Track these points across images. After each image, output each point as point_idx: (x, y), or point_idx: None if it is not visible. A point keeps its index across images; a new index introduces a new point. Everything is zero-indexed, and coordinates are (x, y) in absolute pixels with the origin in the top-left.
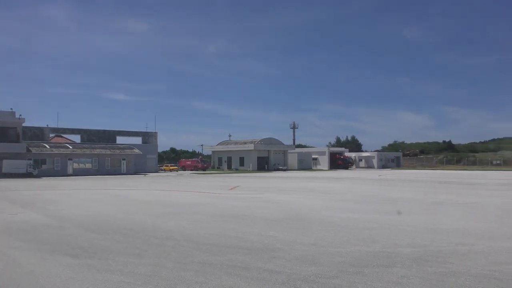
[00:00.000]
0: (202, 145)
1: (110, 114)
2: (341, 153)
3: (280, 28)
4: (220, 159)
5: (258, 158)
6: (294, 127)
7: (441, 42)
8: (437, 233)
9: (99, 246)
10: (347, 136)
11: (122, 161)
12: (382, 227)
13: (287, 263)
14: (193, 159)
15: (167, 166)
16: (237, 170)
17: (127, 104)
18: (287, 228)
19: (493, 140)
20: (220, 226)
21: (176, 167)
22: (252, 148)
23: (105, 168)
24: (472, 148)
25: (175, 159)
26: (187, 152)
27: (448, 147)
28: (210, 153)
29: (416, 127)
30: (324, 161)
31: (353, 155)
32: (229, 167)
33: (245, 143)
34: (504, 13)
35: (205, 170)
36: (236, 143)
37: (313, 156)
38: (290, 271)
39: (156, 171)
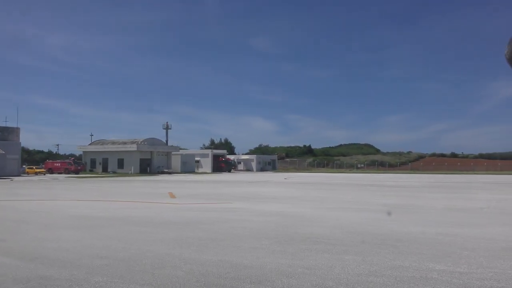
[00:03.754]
0: (58, 145)
1: None
2: (223, 156)
3: (129, 26)
4: (93, 161)
5: (140, 160)
6: (167, 128)
7: (287, 54)
8: None
9: None
10: (220, 139)
11: None
12: None
13: None
14: (64, 160)
15: (32, 168)
16: (115, 173)
17: None
18: (422, 255)
19: (340, 145)
20: (332, 258)
21: (43, 170)
22: (135, 149)
23: None
24: (327, 152)
25: (29, 160)
26: (42, 152)
27: (308, 151)
28: (69, 153)
29: (266, 133)
30: (207, 163)
31: (231, 157)
32: (105, 170)
33: (125, 143)
34: (341, 32)
35: (78, 173)
36: (113, 143)
37: (196, 158)
38: None
39: (19, 175)
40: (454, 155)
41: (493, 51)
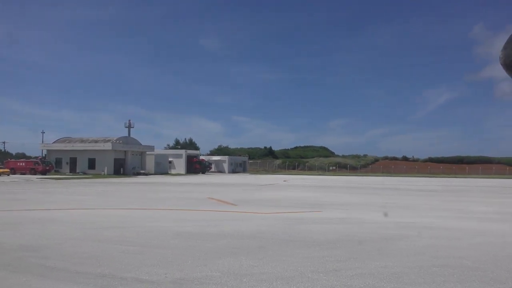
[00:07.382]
0: (4, 142)
1: None
2: (196, 156)
3: (75, 23)
4: (59, 160)
5: (114, 160)
6: (129, 126)
7: (236, 55)
8: None
9: None
10: (185, 139)
11: None
12: None
13: None
14: (29, 159)
15: None
16: (85, 174)
17: None
18: None
19: (296, 148)
20: None
21: (7, 170)
22: (110, 148)
23: None
24: (286, 154)
25: None
26: None
27: (269, 153)
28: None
29: (211, 134)
30: (181, 164)
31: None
32: (73, 170)
33: (96, 141)
34: (289, 36)
35: (45, 174)
36: (82, 141)
37: (169, 159)
38: None
39: None
40: (405, 159)
41: (431, 60)
